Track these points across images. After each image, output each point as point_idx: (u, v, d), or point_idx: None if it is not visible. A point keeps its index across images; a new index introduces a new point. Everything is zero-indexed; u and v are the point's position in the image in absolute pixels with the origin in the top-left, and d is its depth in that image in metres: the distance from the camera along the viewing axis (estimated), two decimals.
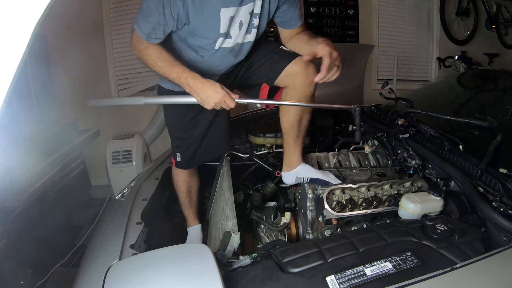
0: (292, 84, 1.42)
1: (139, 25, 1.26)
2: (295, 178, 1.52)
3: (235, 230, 1.25)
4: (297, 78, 1.40)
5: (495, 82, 2.17)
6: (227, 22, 1.27)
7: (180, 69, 1.26)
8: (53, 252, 2.25)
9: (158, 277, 0.91)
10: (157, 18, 1.22)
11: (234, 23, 1.30)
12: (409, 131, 1.59)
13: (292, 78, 1.42)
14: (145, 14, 1.23)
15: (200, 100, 1.27)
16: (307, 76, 1.39)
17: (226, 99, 1.25)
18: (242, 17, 1.30)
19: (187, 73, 1.25)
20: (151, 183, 1.68)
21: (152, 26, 1.24)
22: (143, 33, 1.25)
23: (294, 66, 1.40)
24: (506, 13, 3.93)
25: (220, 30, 1.28)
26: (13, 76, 0.62)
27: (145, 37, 1.26)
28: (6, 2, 0.61)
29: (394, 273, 0.86)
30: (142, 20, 1.25)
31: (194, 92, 1.26)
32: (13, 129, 1.91)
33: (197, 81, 1.25)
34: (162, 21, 1.22)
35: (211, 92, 1.24)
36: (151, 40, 1.27)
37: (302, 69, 1.39)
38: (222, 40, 1.33)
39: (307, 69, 1.39)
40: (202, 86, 1.24)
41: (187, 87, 1.27)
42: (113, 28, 3.20)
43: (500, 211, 1.05)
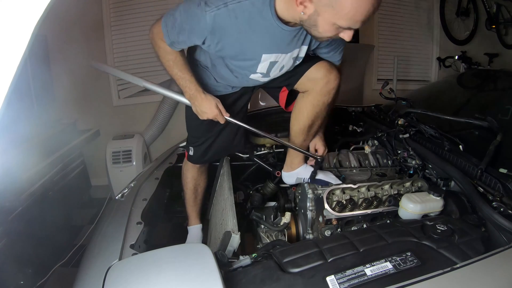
0: (312, 89, 1.38)
1: (167, 27, 1.20)
2: (296, 179, 1.52)
3: (235, 230, 1.25)
4: (317, 83, 1.36)
5: (495, 82, 2.17)
6: (266, 66, 1.25)
7: (188, 78, 1.32)
8: (53, 252, 2.25)
9: (158, 277, 0.91)
10: (185, 39, 1.19)
11: (275, 68, 1.29)
12: (409, 131, 1.59)
13: (312, 83, 1.37)
14: (177, 26, 1.17)
15: (195, 111, 1.39)
16: (327, 82, 1.35)
17: (217, 117, 1.37)
18: (285, 62, 1.28)
19: (193, 85, 1.33)
20: (151, 183, 1.68)
21: (179, 41, 1.21)
22: (168, 38, 1.21)
23: (315, 71, 1.35)
24: (506, 13, 3.93)
25: (257, 70, 1.28)
26: (13, 76, 0.62)
27: (169, 42, 1.22)
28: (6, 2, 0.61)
29: (394, 273, 0.86)
30: (171, 27, 1.19)
31: (191, 102, 1.37)
32: (13, 129, 1.90)
33: (198, 95, 1.34)
34: (190, 43, 1.22)
35: (205, 109, 1.35)
36: (173, 47, 1.25)
37: (324, 74, 1.34)
38: (259, 77, 1.34)
39: (328, 75, 1.34)
40: (200, 101, 1.34)
41: (187, 95, 1.36)
42: (113, 28, 3.21)
43: (500, 211, 1.05)
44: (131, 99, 3.38)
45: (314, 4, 0.97)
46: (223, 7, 1.06)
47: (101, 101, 3.29)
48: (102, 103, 3.30)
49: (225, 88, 1.48)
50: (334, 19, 0.98)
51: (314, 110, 1.40)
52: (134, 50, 3.26)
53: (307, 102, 1.41)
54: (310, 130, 1.46)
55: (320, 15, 0.99)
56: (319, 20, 1.00)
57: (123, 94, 3.36)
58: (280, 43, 1.19)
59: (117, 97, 3.36)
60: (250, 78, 1.36)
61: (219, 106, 1.36)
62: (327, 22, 0.99)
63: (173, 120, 3.38)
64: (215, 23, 1.09)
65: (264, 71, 1.29)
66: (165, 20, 1.20)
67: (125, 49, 3.26)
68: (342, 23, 0.98)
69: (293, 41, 1.20)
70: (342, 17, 0.96)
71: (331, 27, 1.01)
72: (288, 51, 1.23)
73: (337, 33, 1.04)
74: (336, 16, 0.96)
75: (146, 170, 1.87)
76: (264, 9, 1.08)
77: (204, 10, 1.07)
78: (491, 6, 3.87)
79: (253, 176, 1.91)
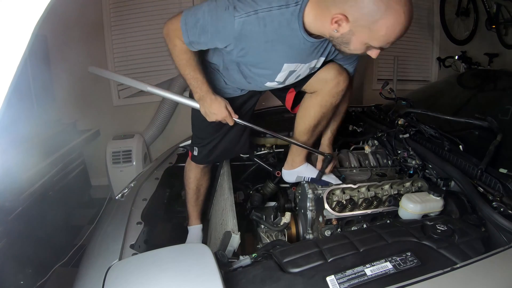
0: (321, 89, 1.37)
1: (186, 26, 1.15)
2: (296, 177, 1.52)
3: (235, 230, 1.25)
4: (327, 84, 1.34)
5: (495, 82, 2.17)
6: (285, 74, 1.26)
7: (200, 79, 1.30)
8: (53, 252, 2.25)
9: (158, 277, 0.91)
10: (207, 41, 1.16)
11: (292, 76, 1.29)
12: (409, 131, 1.59)
13: (322, 84, 1.36)
14: (199, 27, 1.13)
15: (203, 112, 1.36)
16: (337, 84, 1.33)
17: (226, 119, 1.36)
18: (302, 72, 1.28)
19: (204, 86, 1.31)
20: (151, 183, 1.68)
21: (200, 42, 1.18)
22: (187, 37, 1.17)
23: (325, 72, 1.34)
24: (506, 13, 3.93)
25: (276, 79, 1.28)
26: (13, 76, 0.62)
27: (187, 42, 1.18)
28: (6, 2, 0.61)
29: (394, 273, 0.86)
30: (192, 27, 1.14)
31: (201, 103, 1.35)
32: (13, 129, 1.91)
33: (207, 96, 1.33)
34: (211, 46, 1.19)
35: (215, 110, 1.34)
36: (190, 47, 1.21)
37: (334, 75, 1.33)
38: (275, 85, 1.33)
39: (339, 77, 1.33)
40: (210, 102, 1.33)
41: (197, 95, 1.34)
42: (113, 28, 3.21)
43: (500, 211, 1.05)
44: (131, 99, 3.38)
45: (350, 24, 0.99)
46: (253, 14, 1.05)
47: (101, 101, 3.29)
48: (102, 103, 3.30)
49: (234, 90, 1.47)
50: (368, 40, 1.01)
51: (321, 111, 1.39)
52: (134, 50, 3.26)
53: (315, 103, 1.40)
54: (315, 130, 1.45)
55: (355, 35, 1.01)
56: (353, 39, 1.03)
57: (123, 94, 3.36)
58: (301, 53, 1.19)
59: (117, 97, 3.35)
60: (264, 85, 1.36)
61: (228, 108, 1.35)
62: (360, 41, 1.02)
63: (173, 120, 3.38)
64: (243, 29, 1.07)
65: (282, 80, 1.29)
66: (185, 18, 1.15)
67: (125, 49, 3.26)
68: (375, 44, 1.01)
69: (314, 52, 1.21)
70: (377, 38, 0.99)
71: (362, 46, 1.04)
72: (307, 62, 1.23)
73: (365, 51, 1.07)
74: (370, 37, 0.99)
75: (146, 170, 1.87)
76: (293, 20, 1.08)
77: (233, 15, 1.05)
78: (491, 6, 3.87)
79: (253, 176, 1.91)
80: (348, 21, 0.98)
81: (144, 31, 3.22)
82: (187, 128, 1.72)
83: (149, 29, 3.22)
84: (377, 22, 0.94)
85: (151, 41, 3.23)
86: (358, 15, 0.96)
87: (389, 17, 0.93)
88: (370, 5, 0.93)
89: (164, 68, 3.33)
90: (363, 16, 0.95)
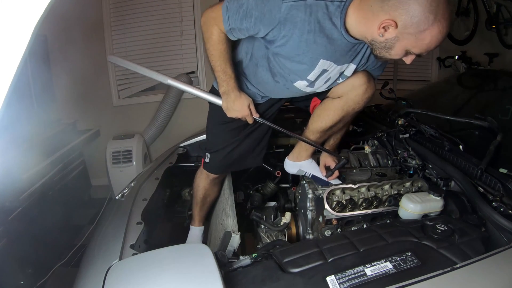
0: (346, 94, 1.34)
1: (228, 12, 1.15)
2: (298, 170, 1.52)
3: (235, 230, 1.25)
4: (354, 90, 1.33)
5: (495, 82, 2.17)
6: (318, 72, 1.24)
7: (229, 73, 1.29)
8: (53, 252, 2.25)
9: (158, 277, 0.91)
10: (250, 27, 1.13)
11: (322, 77, 1.27)
12: (409, 131, 1.59)
13: (348, 89, 1.34)
14: (242, 12, 1.12)
15: (225, 107, 1.36)
16: (365, 90, 1.32)
17: (247, 117, 1.37)
18: (332, 74, 1.27)
19: (232, 81, 1.31)
20: (151, 183, 1.68)
21: (241, 28, 1.15)
22: (228, 24, 1.16)
23: (354, 78, 1.31)
24: (506, 13, 3.92)
25: (308, 76, 1.25)
26: (13, 76, 0.62)
27: (228, 28, 1.17)
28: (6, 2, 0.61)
29: (394, 273, 0.86)
30: (234, 12, 1.14)
31: (224, 97, 1.34)
32: (13, 129, 1.91)
33: (232, 92, 1.32)
34: (253, 32, 1.16)
35: (237, 107, 1.34)
36: (229, 35, 1.20)
37: (363, 81, 1.31)
38: (304, 85, 1.30)
39: (367, 83, 1.32)
40: (234, 98, 1.33)
41: (223, 89, 1.33)
42: (113, 28, 3.21)
43: (500, 211, 1.05)
44: (131, 99, 3.38)
45: (398, 31, 1.01)
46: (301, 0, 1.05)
47: (101, 101, 3.29)
48: (102, 103, 3.30)
49: (254, 96, 1.44)
50: (411, 47, 1.04)
51: (341, 115, 1.38)
52: (134, 50, 3.27)
53: (337, 106, 1.38)
54: (328, 131, 1.44)
55: (400, 41, 1.04)
56: (396, 45, 1.06)
57: (123, 94, 3.36)
58: (337, 52, 1.18)
59: (117, 97, 3.36)
60: (292, 85, 1.32)
61: (251, 107, 1.36)
62: (403, 48, 1.06)
63: (173, 120, 3.38)
64: (289, 14, 1.06)
65: (313, 79, 1.26)
66: (227, 4, 1.15)
67: (125, 49, 3.27)
68: (415, 51, 1.06)
69: (348, 54, 1.21)
70: (420, 46, 1.03)
71: (403, 52, 1.08)
72: (340, 63, 1.23)
73: (403, 57, 1.11)
74: (414, 45, 1.03)
75: (146, 170, 1.87)
76: (335, 14, 1.09)
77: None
78: (491, 6, 3.86)
79: (253, 176, 1.91)
80: (397, 28, 1.01)
81: (144, 31, 3.22)
82: (187, 128, 1.72)
83: (149, 29, 3.22)
84: (424, 32, 0.98)
85: (151, 41, 3.23)
86: (408, 23, 0.98)
87: (435, 28, 0.98)
88: (421, 15, 0.96)
89: (164, 68, 3.33)
90: (413, 25, 0.98)
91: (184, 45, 3.30)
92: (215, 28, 1.21)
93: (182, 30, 3.27)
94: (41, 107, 2.60)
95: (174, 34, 3.27)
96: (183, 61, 3.33)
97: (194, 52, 3.31)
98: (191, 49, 3.31)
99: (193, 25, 3.26)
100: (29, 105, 2.47)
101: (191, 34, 3.27)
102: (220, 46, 1.24)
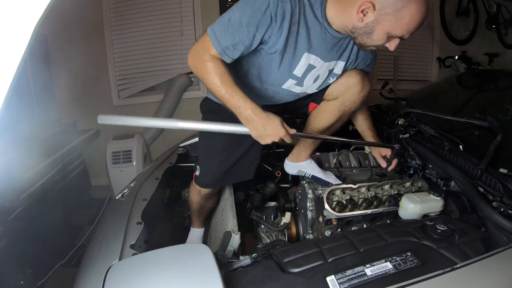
0: (341, 95, 1.34)
1: (216, 35, 1.10)
2: (298, 170, 1.52)
3: (235, 230, 1.25)
4: (349, 90, 1.32)
5: (495, 82, 2.17)
6: (304, 66, 1.22)
7: (241, 96, 1.12)
8: (53, 252, 2.25)
9: (158, 277, 0.91)
10: (244, 37, 1.09)
11: (311, 74, 1.26)
12: (409, 131, 1.59)
13: (343, 90, 1.33)
14: (231, 26, 1.08)
15: (256, 135, 1.15)
16: (361, 89, 1.32)
17: (284, 137, 1.15)
18: (321, 72, 1.26)
19: (247, 103, 1.12)
20: (151, 183, 1.68)
21: (234, 43, 1.10)
22: (219, 45, 1.10)
23: (348, 77, 1.31)
24: (506, 13, 3.92)
25: (294, 71, 1.23)
26: (13, 76, 0.62)
27: (220, 50, 1.11)
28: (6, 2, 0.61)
29: (394, 273, 0.86)
30: (223, 31, 1.10)
31: (250, 125, 1.14)
32: (13, 129, 1.91)
33: (258, 116, 1.12)
34: (248, 42, 1.11)
35: (271, 131, 1.13)
36: (224, 57, 1.13)
37: (358, 80, 1.31)
38: (293, 84, 1.29)
39: (363, 81, 1.32)
40: (262, 122, 1.12)
41: (243, 117, 1.13)
42: (113, 28, 3.21)
43: (500, 211, 1.04)
44: (131, 99, 3.39)
45: (376, 13, 1.02)
46: None
47: (101, 101, 3.29)
48: (102, 103, 3.30)
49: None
50: (391, 28, 1.04)
51: (337, 115, 1.39)
52: (134, 50, 3.27)
53: (333, 107, 1.38)
54: (325, 131, 1.45)
55: (379, 24, 1.04)
56: (377, 28, 1.05)
57: (123, 94, 3.37)
58: (322, 46, 1.19)
59: (117, 97, 3.36)
60: (281, 89, 1.30)
61: (284, 125, 1.15)
62: (383, 31, 1.05)
63: None
64: (278, 7, 1.06)
65: (300, 74, 1.25)
66: (212, 29, 1.11)
67: (125, 49, 3.27)
68: (397, 32, 1.04)
69: (333, 50, 1.21)
70: (400, 26, 1.02)
71: (384, 36, 1.07)
72: (326, 60, 1.23)
73: (386, 42, 1.09)
74: (394, 25, 1.02)
75: (146, 170, 1.87)
76: (316, 5, 1.11)
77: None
78: (491, 6, 3.86)
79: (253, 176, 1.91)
80: (375, 10, 1.01)
81: (144, 31, 3.23)
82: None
83: (149, 29, 3.22)
84: (402, 10, 0.99)
85: (151, 41, 3.24)
86: (385, 3, 0.99)
87: (413, 4, 0.98)
88: None
89: (164, 68, 3.34)
90: (390, 4, 0.99)
91: (184, 45, 3.30)
92: (206, 56, 1.12)
93: (182, 30, 3.27)
94: (41, 107, 2.60)
95: (174, 34, 3.28)
96: (183, 61, 3.33)
97: None
98: None
99: (193, 25, 3.26)
100: (29, 105, 2.47)
101: (191, 34, 3.28)
102: (219, 70, 1.12)
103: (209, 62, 1.12)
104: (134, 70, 3.32)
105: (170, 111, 3.31)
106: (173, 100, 3.28)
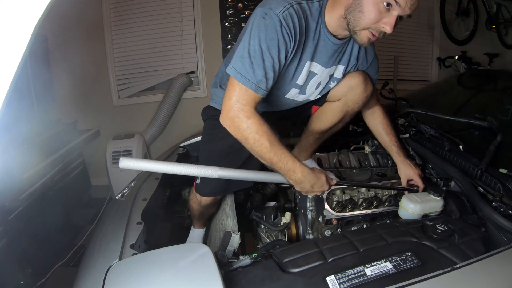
0: (344, 96, 1.34)
1: (243, 74, 1.04)
2: None
3: (235, 230, 1.25)
4: (352, 91, 1.32)
5: (495, 82, 2.17)
6: (306, 74, 1.22)
7: (290, 159, 1.10)
8: (53, 252, 2.25)
9: (158, 277, 0.91)
10: (270, 63, 1.05)
11: (313, 82, 1.26)
12: (409, 131, 1.59)
13: (346, 91, 1.33)
14: (254, 58, 1.04)
15: (302, 191, 1.20)
16: (364, 89, 1.31)
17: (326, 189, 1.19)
18: (322, 78, 1.27)
19: (298, 167, 1.11)
20: (151, 183, 1.68)
21: (264, 73, 1.05)
22: (251, 82, 1.04)
23: (350, 78, 1.31)
24: (506, 13, 3.92)
25: (298, 81, 1.23)
26: (13, 76, 0.62)
27: (254, 87, 1.05)
28: (6, 2, 0.61)
29: (394, 273, 0.86)
30: (248, 67, 1.04)
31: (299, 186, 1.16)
32: (13, 129, 1.91)
33: (307, 178, 1.13)
34: (276, 66, 1.07)
35: (317, 188, 1.16)
36: (259, 91, 1.06)
37: (360, 81, 1.30)
38: (296, 93, 1.28)
39: (365, 82, 1.31)
40: (312, 183, 1.14)
41: (293, 181, 1.14)
42: (113, 28, 3.21)
43: (500, 211, 1.05)
44: (131, 99, 3.38)
45: None
46: (289, 7, 1.06)
47: (101, 101, 3.29)
48: (102, 103, 3.30)
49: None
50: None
51: (340, 116, 1.38)
52: (134, 50, 3.26)
53: (335, 108, 1.38)
54: (327, 132, 1.45)
55: None
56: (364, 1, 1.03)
57: (123, 94, 3.36)
58: (323, 54, 1.19)
59: (117, 97, 3.36)
60: (284, 98, 1.30)
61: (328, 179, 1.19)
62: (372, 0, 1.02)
63: (173, 120, 3.38)
64: (289, 23, 1.05)
65: (302, 82, 1.25)
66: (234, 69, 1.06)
67: (125, 49, 3.27)
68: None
69: (334, 56, 1.22)
70: None
71: (375, 7, 1.02)
72: (327, 66, 1.23)
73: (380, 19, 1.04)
74: None
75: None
76: (316, 14, 1.12)
77: (275, 14, 1.03)
78: (491, 6, 3.86)
79: None
80: None
81: (144, 31, 3.22)
82: (187, 128, 1.71)
83: (149, 29, 3.22)
84: None
85: (151, 41, 3.23)
86: None
87: None
88: None
89: (164, 68, 3.33)
90: None
91: (184, 45, 3.30)
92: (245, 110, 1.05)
93: (182, 30, 3.27)
94: (41, 107, 2.60)
95: (174, 34, 3.28)
96: (183, 61, 3.33)
97: (194, 52, 3.31)
98: (191, 49, 3.31)
99: (193, 25, 3.26)
100: (29, 105, 2.47)
101: (191, 34, 3.28)
102: (264, 128, 1.06)
103: (251, 119, 1.06)
104: (134, 70, 3.32)
105: (170, 111, 3.31)
106: (173, 100, 3.28)
